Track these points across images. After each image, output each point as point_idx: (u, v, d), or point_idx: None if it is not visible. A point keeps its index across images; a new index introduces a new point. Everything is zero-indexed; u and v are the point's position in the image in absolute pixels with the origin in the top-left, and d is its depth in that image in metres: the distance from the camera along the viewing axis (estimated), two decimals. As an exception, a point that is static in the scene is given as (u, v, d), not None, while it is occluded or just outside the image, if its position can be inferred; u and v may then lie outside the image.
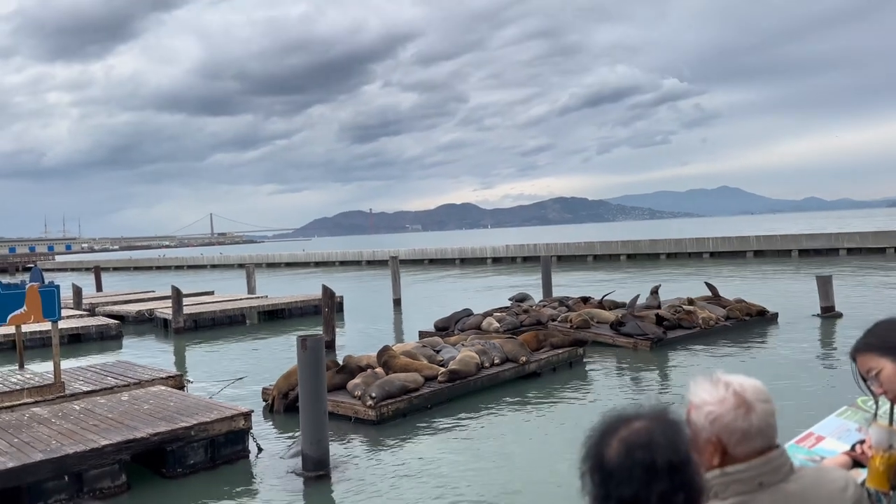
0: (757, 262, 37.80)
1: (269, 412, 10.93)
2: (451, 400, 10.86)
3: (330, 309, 16.85)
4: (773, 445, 1.77)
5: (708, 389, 1.78)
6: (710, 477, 1.75)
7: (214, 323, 21.86)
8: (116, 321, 21.25)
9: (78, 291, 26.47)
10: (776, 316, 17.13)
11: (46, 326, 12.84)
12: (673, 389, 11.33)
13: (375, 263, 53.61)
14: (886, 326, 2.22)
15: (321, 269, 54.75)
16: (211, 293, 29.92)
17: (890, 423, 2.16)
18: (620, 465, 1.49)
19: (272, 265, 61.46)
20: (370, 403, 9.92)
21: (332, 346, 15.99)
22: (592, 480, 1.54)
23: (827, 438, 2.61)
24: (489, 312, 17.29)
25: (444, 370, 11.27)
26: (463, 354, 11.86)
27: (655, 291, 17.99)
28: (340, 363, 11.57)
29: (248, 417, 8.78)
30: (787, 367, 12.31)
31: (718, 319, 15.88)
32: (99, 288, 36.61)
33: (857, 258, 35.78)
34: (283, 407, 10.80)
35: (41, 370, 12.21)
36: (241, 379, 13.07)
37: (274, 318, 23.01)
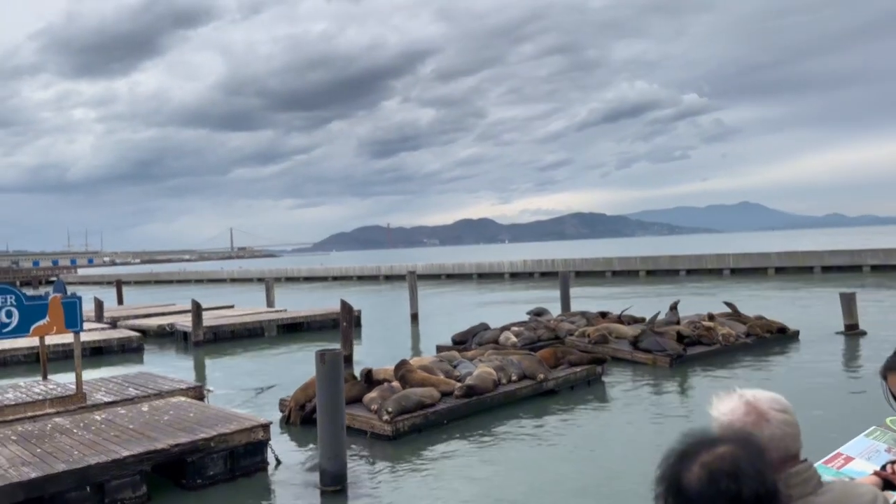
0: (778, 278, 37.37)
1: (285, 423, 11.00)
2: (467, 416, 10.84)
3: (348, 323, 16.93)
4: (791, 456, 1.75)
5: (724, 401, 1.83)
6: None
7: (234, 336, 22.05)
8: (138, 334, 21.50)
9: (100, 305, 26.82)
10: (797, 333, 16.91)
11: (69, 339, 13.03)
12: (692, 407, 11.22)
13: (393, 278, 53.76)
14: None
15: (339, 283, 55.00)
16: (231, 307, 30.19)
17: None
18: (702, 493, 1.41)
19: (291, 279, 61.86)
20: (386, 418, 9.94)
21: (349, 360, 16.05)
22: None
23: (856, 459, 2.58)
24: (507, 326, 17.27)
25: (460, 385, 11.27)
26: (480, 370, 11.86)
27: (674, 307, 17.87)
28: (358, 377, 11.62)
29: (266, 429, 8.85)
30: (810, 385, 12.15)
31: (738, 336, 15.72)
32: (120, 301, 37.08)
33: (880, 275, 35.24)
34: (299, 419, 10.86)
35: (64, 381, 12.38)
36: (271, 388, 13.39)
37: (293, 331, 23.15)
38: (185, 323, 22.43)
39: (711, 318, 16.71)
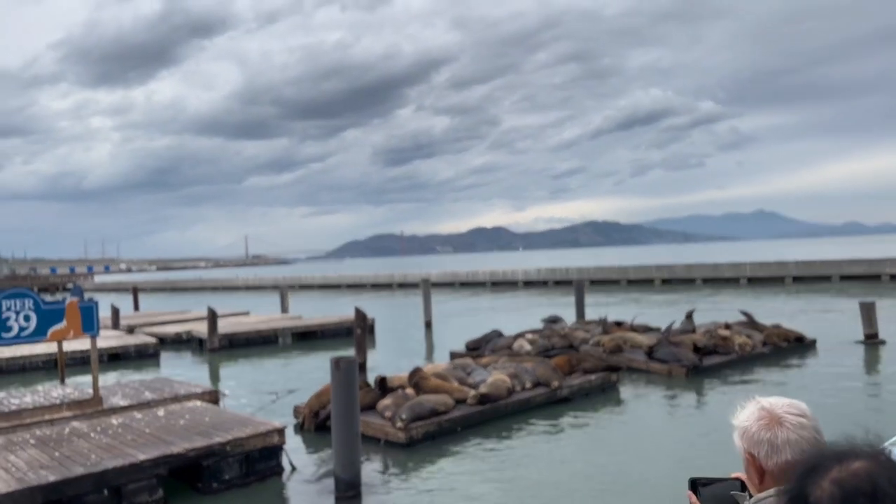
0: (796, 287, 36.99)
1: (300, 429, 11.03)
2: (481, 423, 10.81)
3: (362, 331, 16.95)
4: None
5: (743, 409, 1.86)
6: (763, 497, 1.75)
7: (249, 343, 22.16)
8: (154, 340, 21.68)
9: (115, 312, 27.05)
10: (815, 342, 16.74)
11: (87, 345, 13.16)
12: (710, 416, 11.12)
13: (407, 286, 53.81)
14: None
15: (353, 291, 55.13)
16: (247, 313, 30.39)
17: None
18: None
19: (305, 287, 62.09)
20: (400, 425, 9.94)
21: (363, 367, 16.06)
22: None
23: None
24: (521, 334, 17.22)
25: (474, 393, 11.25)
26: (494, 378, 11.83)
27: (690, 316, 17.75)
28: (371, 384, 11.63)
29: (281, 433, 8.88)
30: (831, 394, 12.01)
31: (755, 345, 15.57)
32: (136, 308, 37.40)
33: (900, 285, 34.78)
34: (314, 426, 10.89)
35: (81, 386, 12.50)
36: (286, 394, 13.57)
37: (307, 338, 23.23)
38: (200, 329, 22.58)
39: (728, 327, 16.57)
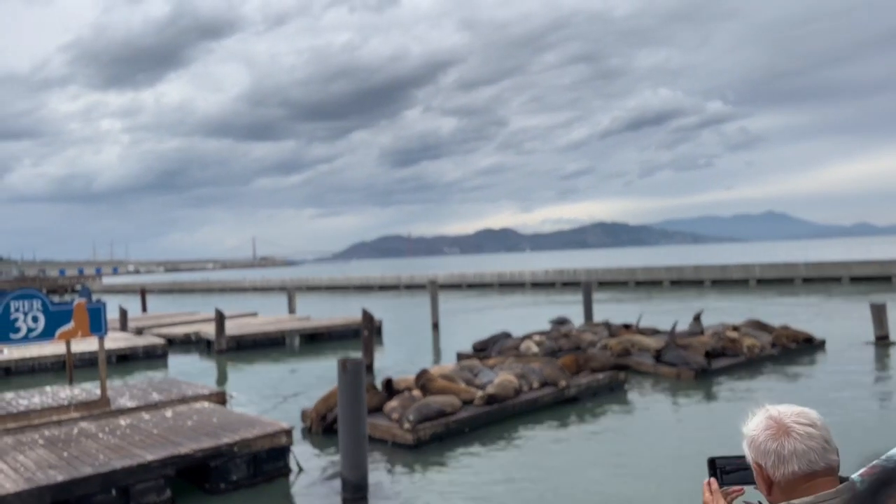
0: (806, 289, 36.77)
1: (308, 433, 11.02)
2: (488, 424, 10.79)
3: (369, 332, 16.97)
4: (816, 472, 1.69)
5: (753, 416, 1.82)
6: None
7: (256, 344, 22.21)
8: (163, 341, 21.74)
9: (123, 313, 27.15)
10: (823, 343, 16.63)
11: (95, 346, 13.21)
12: (718, 418, 11.05)
13: (414, 287, 53.83)
14: None
15: (360, 292, 55.19)
16: (255, 314, 30.48)
17: None
18: None
19: (312, 288, 62.21)
20: (407, 426, 9.92)
21: (370, 369, 16.08)
22: None
23: None
24: (528, 335, 17.19)
25: (481, 394, 11.22)
26: (501, 378, 11.80)
27: (698, 318, 17.67)
28: (378, 386, 11.63)
29: (289, 434, 8.88)
30: (842, 396, 11.92)
31: (764, 347, 15.48)
32: (144, 309, 37.55)
33: (911, 286, 34.52)
34: (321, 429, 10.88)
35: (89, 387, 12.55)
36: (294, 396, 13.73)
37: (314, 340, 23.26)
38: (208, 331, 22.65)
39: (735, 329, 16.48)
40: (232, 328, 22.84)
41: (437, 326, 24.70)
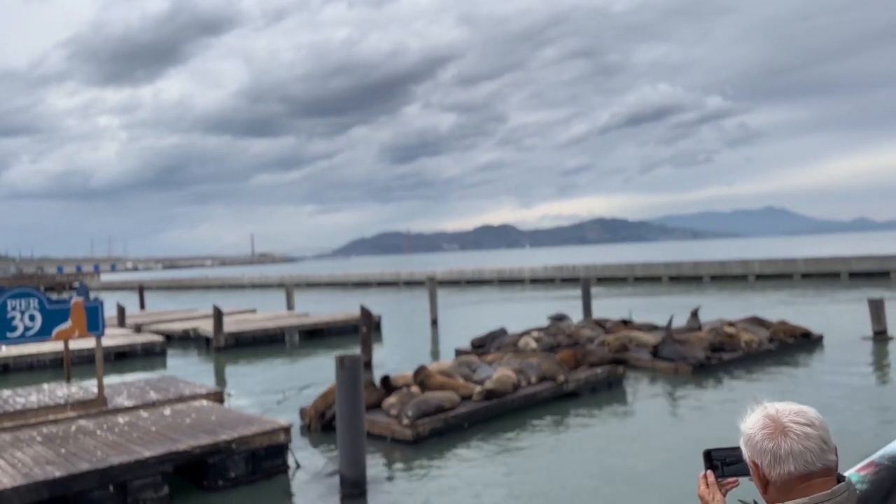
0: (804, 284, 36.81)
1: (307, 430, 11.02)
2: (487, 419, 10.80)
3: (368, 329, 16.96)
4: (813, 472, 1.67)
5: (751, 414, 1.78)
6: None
7: (255, 341, 22.20)
8: (161, 338, 21.73)
9: (121, 310, 27.15)
10: (821, 338, 16.65)
11: (94, 343, 13.20)
12: (716, 413, 11.05)
13: (413, 284, 53.83)
14: None
15: (359, 289, 55.19)
16: (254, 311, 30.47)
17: None
18: None
19: (312, 285, 62.20)
20: (406, 422, 9.93)
21: (369, 365, 16.09)
22: None
23: None
24: (527, 332, 17.19)
25: (480, 389, 11.23)
26: (500, 373, 11.80)
27: (695, 314, 17.69)
28: (377, 383, 11.63)
29: (287, 431, 8.88)
30: (839, 391, 11.94)
31: (762, 342, 15.49)
32: (142, 306, 37.54)
33: (909, 281, 34.55)
34: (320, 426, 10.88)
35: (87, 385, 12.54)
36: (293, 393, 13.70)
37: (314, 336, 23.26)
38: (207, 328, 22.64)
39: (732, 325, 16.49)
40: (230, 325, 22.84)
41: (435, 323, 24.71)
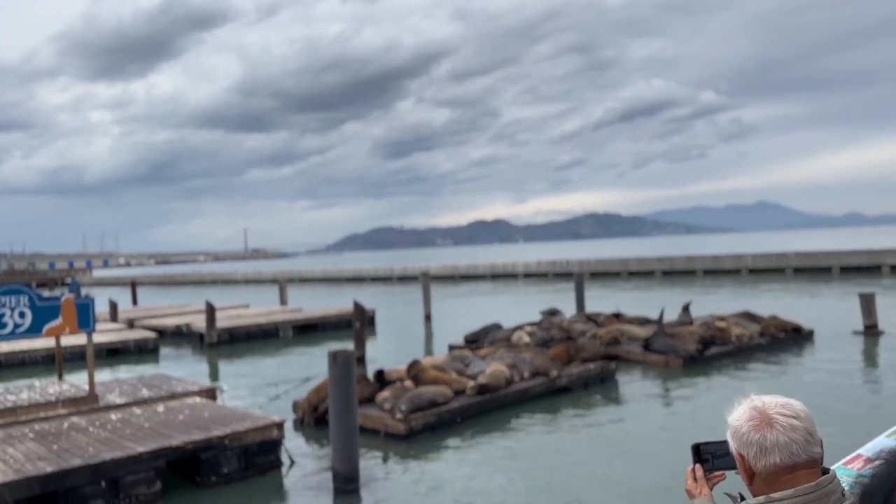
0: (796, 278, 37.00)
1: (300, 424, 11.03)
2: (480, 414, 10.83)
3: (361, 324, 16.96)
4: (799, 464, 1.68)
5: (738, 406, 1.80)
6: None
7: (248, 336, 22.17)
8: (154, 334, 21.67)
9: (114, 306, 27.05)
10: (812, 333, 16.75)
11: (86, 339, 13.14)
12: (706, 407, 11.13)
13: (407, 279, 53.82)
14: None
15: (353, 284, 55.14)
16: (247, 306, 30.43)
17: None
18: None
19: (305, 280, 62.10)
20: (399, 416, 9.95)
21: (362, 360, 16.10)
22: None
23: (877, 461, 2.49)
24: (520, 327, 17.23)
25: (473, 383, 11.26)
26: (493, 368, 11.84)
27: (686, 308, 17.77)
28: (370, 378, 11.64)
29: (280, 427, 8.88)
30: (828, 385, 12.02)
31: (752, 336, 15.58)
32: (135, 303, 37.41)
33: (900, 275, 34.77)
34: (313, 420, 10.89)
35: (79, 382, 12.49)
36: (286, 389, 13.68)
37: (307, 331, 23.25)
38: (200, 324, 22.60)
39: (722, 319, 16.57)
40: (223, 320, 22.80)
41: (429, 318, 24.73)
